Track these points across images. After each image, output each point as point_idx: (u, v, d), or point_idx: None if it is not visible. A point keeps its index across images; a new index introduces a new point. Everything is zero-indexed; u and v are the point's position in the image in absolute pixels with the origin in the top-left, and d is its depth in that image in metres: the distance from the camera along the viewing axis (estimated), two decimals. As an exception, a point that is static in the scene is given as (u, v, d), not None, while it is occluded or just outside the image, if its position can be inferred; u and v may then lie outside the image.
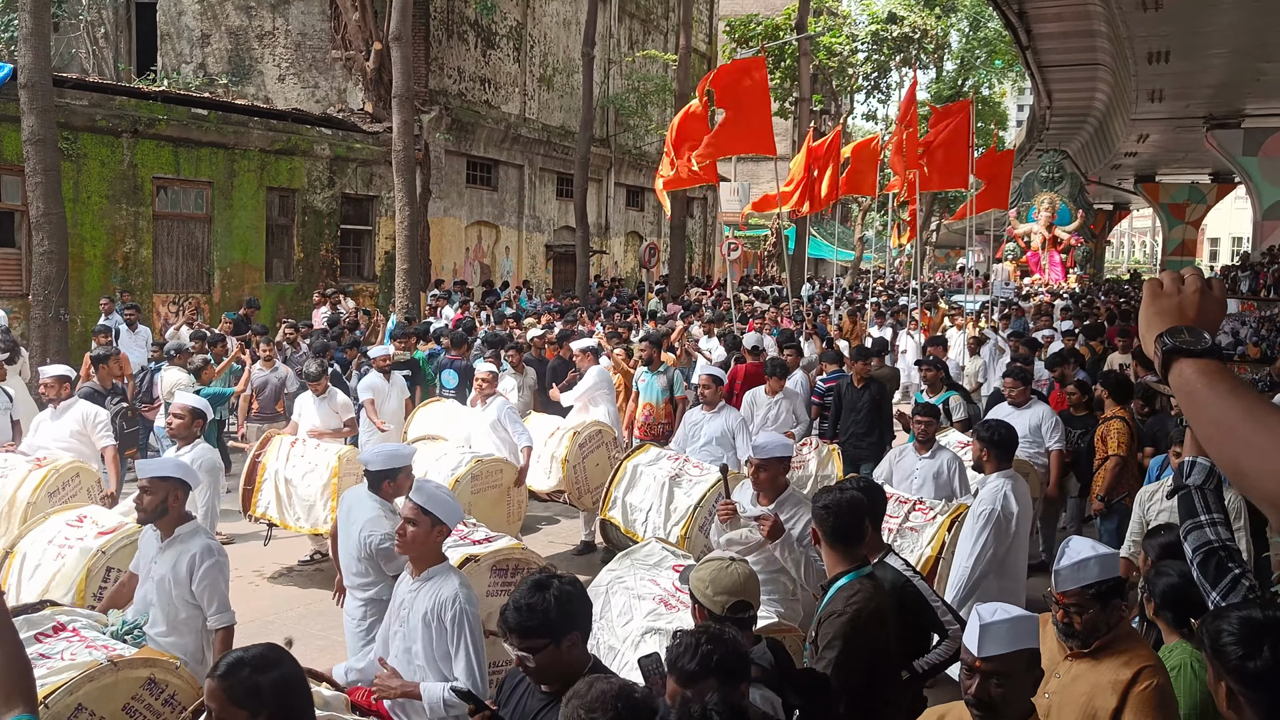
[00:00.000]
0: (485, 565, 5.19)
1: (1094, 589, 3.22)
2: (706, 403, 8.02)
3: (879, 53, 37.63)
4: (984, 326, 15.66)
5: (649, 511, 7.20)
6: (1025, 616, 2.83)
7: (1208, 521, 2.72)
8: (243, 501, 8.38)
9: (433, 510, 3.96)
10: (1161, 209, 49.23)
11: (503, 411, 8.30)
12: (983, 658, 2.75)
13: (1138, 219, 75.98)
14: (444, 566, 4.04)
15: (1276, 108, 30.83)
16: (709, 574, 3.36)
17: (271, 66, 22.71)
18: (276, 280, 19.98)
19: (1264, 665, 2.07)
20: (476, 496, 7.36)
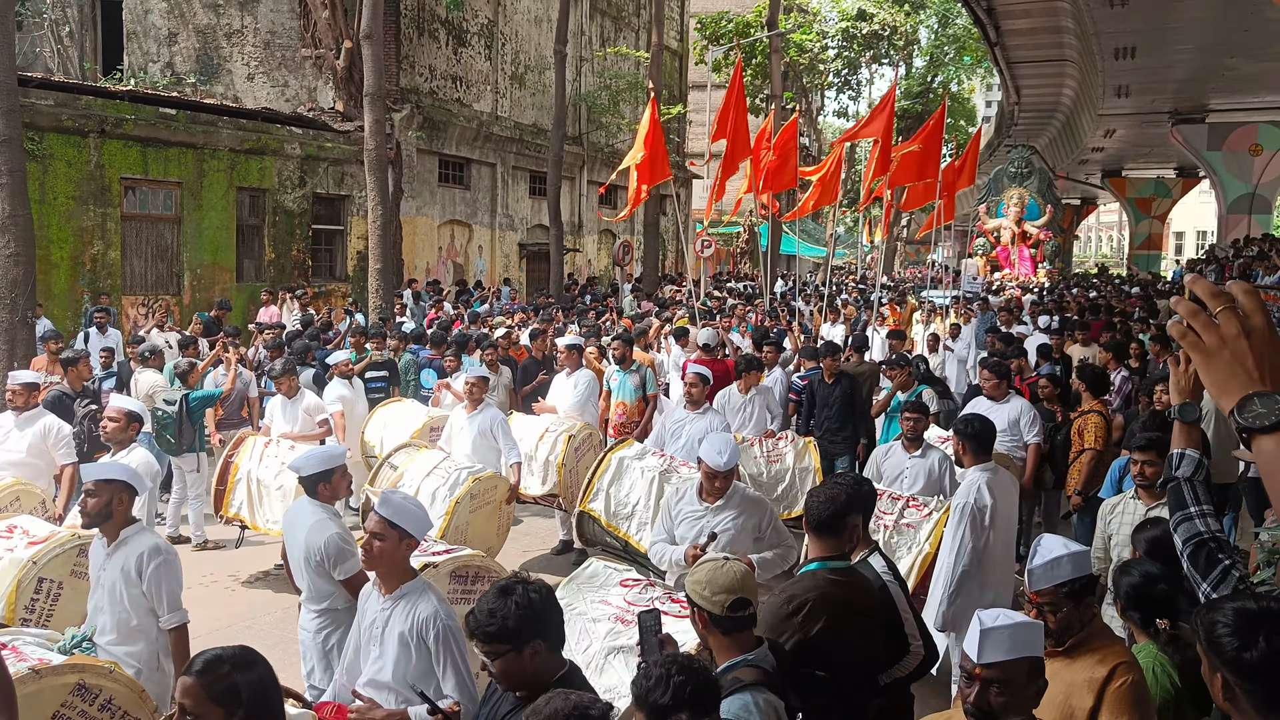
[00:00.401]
0: (444, 572, 5.14)
1: (1067, 587, 3.22)
2: (691, 401, 7.84)
3: (849, 49, 37.81)
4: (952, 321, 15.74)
5: (637, 505, 7.10)
6: (1028, 623, 2.79)
7: (1197, 513, 2.72)
8: (214, 502, 8.32)
9: (400, 523, 3.78)
10: (1128, 203, 49.82)
11: (496, 422, 8.05)
12: (983, 664, 2.70)
13: (1105, 213, 76.84)
14: (418, 583, 3.86)
15: (1240, 103, 31.29)
16: (705, 575, 3.30)
17: (240, 65, 22.50)
18: (248, 281, 19.81)
19: (1260, 656, 2.07)
20: (474, 515, 7.26)
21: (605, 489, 7.27)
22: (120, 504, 4.57)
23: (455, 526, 6.96)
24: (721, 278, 34.28)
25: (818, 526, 3.85)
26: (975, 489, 5.41)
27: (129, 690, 4.01)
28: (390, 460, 7.77)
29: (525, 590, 2.99)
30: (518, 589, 2.98)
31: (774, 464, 8.19)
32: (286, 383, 8.85)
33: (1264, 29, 21.72)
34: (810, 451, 8.31)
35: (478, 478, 7.34)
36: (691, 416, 7.80)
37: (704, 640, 3.39)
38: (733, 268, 41.15)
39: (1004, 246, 38.03)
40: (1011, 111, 36.99)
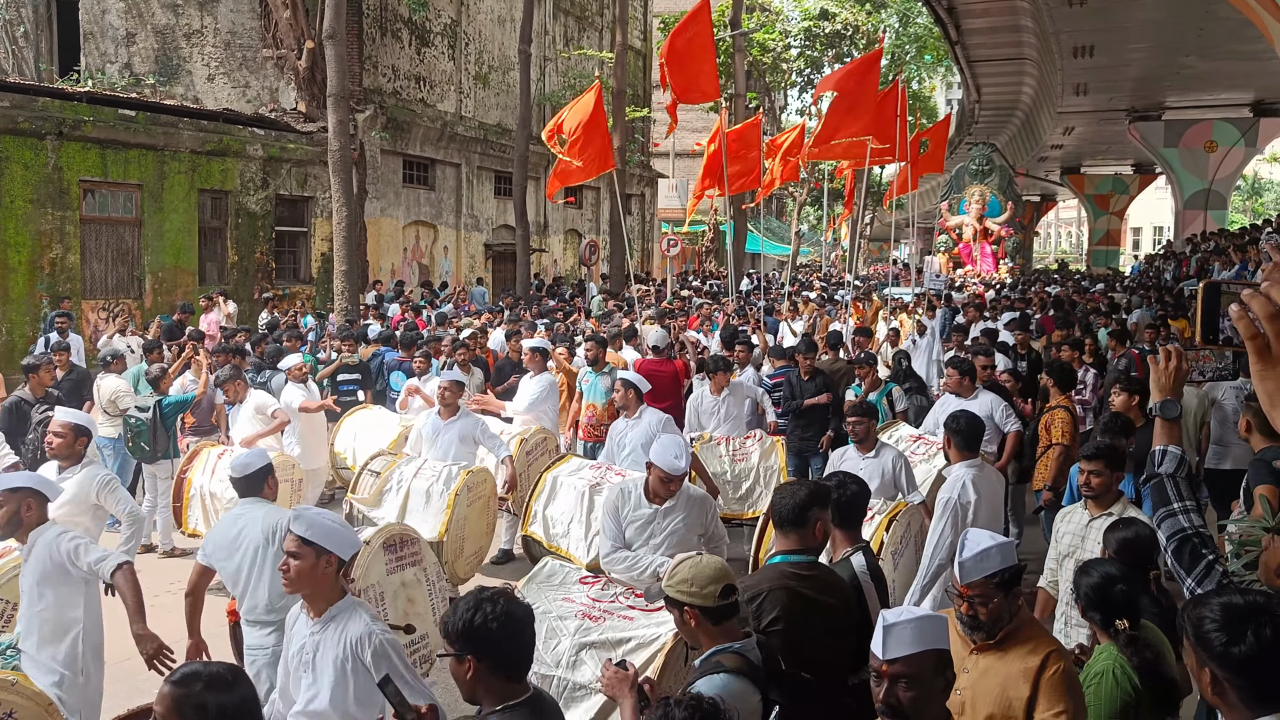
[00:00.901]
0: (377, 545, 5.21)
1: (997, 577, 3.24)
2: (624, 408, 7.63)
3: (812, 49, 38.00)
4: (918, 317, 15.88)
5: (570, 523, 6.97)
6: (932, 616, 2.78)
7: (1180, 509, 2.77)
8: (174, 517, 8.25)
9: (316, 540, 3.58)
10: (1087, 200, 50.49)
11: (478, 429, 7.91)
12: (888, 660, 2.66)
13: (1064, 210, 77.76)
14: (346, 603, 3.67)
15: (1195, 100, 31.80)
16: (688, 574, 3.32)
17: (200, 66, 22.24)
18: (210, 284, 19.57)
19: (1248, 650, 2.10)
20: (468, 509, 7.22)
21: (541, 511, 7.19)
22: (29, 510, 4.56)
23: (456, 521, 6.95)
24: (687, 277, 34.36)
25: (779, 520, 3.89)
26: (960, 484, 5.50)
27: (34, 704, 3.90)
28: (370, 466, 7.61)
29: (488, 607, 2.87)
30: (485, 605, 2.88)
31: (739, 462, 8.12)
32: (232, 388, 8.61)
33: (1218, 28, 22.08)
34: (777, 450, 8.26)
35: (470, 471, 7.31)
36: (629, 424, 7.60)
37: (693, 639, 3.39)
38: (698, 266, 41.27)
39: (966, 243, 38.47)
40: (972, 110, 37.36)
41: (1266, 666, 2.10)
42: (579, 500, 7.01)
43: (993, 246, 37.98)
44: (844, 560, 4.15)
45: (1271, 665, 2.10)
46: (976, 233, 38.39)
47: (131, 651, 6.76)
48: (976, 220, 38.44)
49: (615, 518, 5.24)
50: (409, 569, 5.36)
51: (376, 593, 5.12)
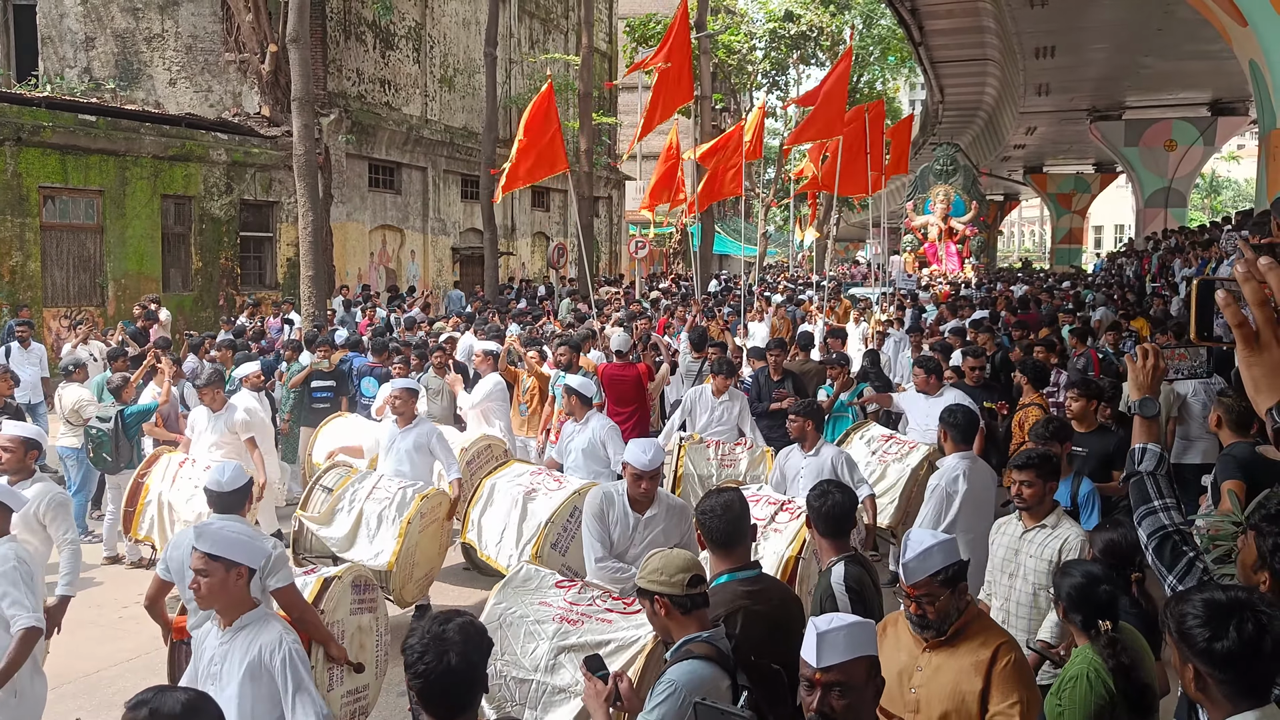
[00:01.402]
0: (347, 582, 5.09)
1: (941, 575, 3.25)
2: (572, 414, 7.46)
3: (777, 50, 38.15)
4: (885, 317, 15.98)
5: (503, 531, 6.79)
6: (861, 623, 2.76)
7: (1161, 507, 2.79)
8: (124, 522, 7.88)
9: (224, 554, 3.58)
10: (1050, 199, 51.03)
11: (433, 437, 7.60)
12: (821, 668, 2.64)
13: (1027, 209, 78.65)
14: (258, 612, 3.67)
15: (1155, 100, 32.21)
16: (658, 564, 3.37)
17: (161, 70, 21.99)
18: (174, 291, 19.38)
19: (1231, 646, 2.11)
20: (421, 535, 6.93)
21: (477, 519, 7.01)
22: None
23: (407, 549, 6.69)
24: (655, 279, 34.38)
25: (714, 541, 3.82)
26: (952, 475, 5.69)
27: None
28: (322, 482, 7.30)
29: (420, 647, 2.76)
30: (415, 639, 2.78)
31: (726, 468, 8.00)
32: (210, 394, 8.27)
33: (1177, 28, 22.38)
34: (766, 461, 8.05)
35: (424, 496, 7.00)
36: (575, 429, 7.44)
37: (664, 631, 3.39)
38: (666, 268, 41.31)
39: (931, 243, 38.74)
40: (936, 110, 37.66)
41: (1249, 662, 2.11)
42: (512, 507, 6.82)
43: (958, 246, 38.27)
44: (826, 571, 4.12)
45: (1254, 660, 2.12)
46: (942, 232, 38.68)
47: (101, 664, 6.70)
48: (941, 220, 38.74)
49: (601, 522, 5.15)
50: (366, 615, 5.28)
51: (339, 630, 5.00)
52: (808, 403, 6.91)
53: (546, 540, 6.46)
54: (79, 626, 7.26)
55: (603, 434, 7.28)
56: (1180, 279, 16.69)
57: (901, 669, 3.39)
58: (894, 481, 7.52)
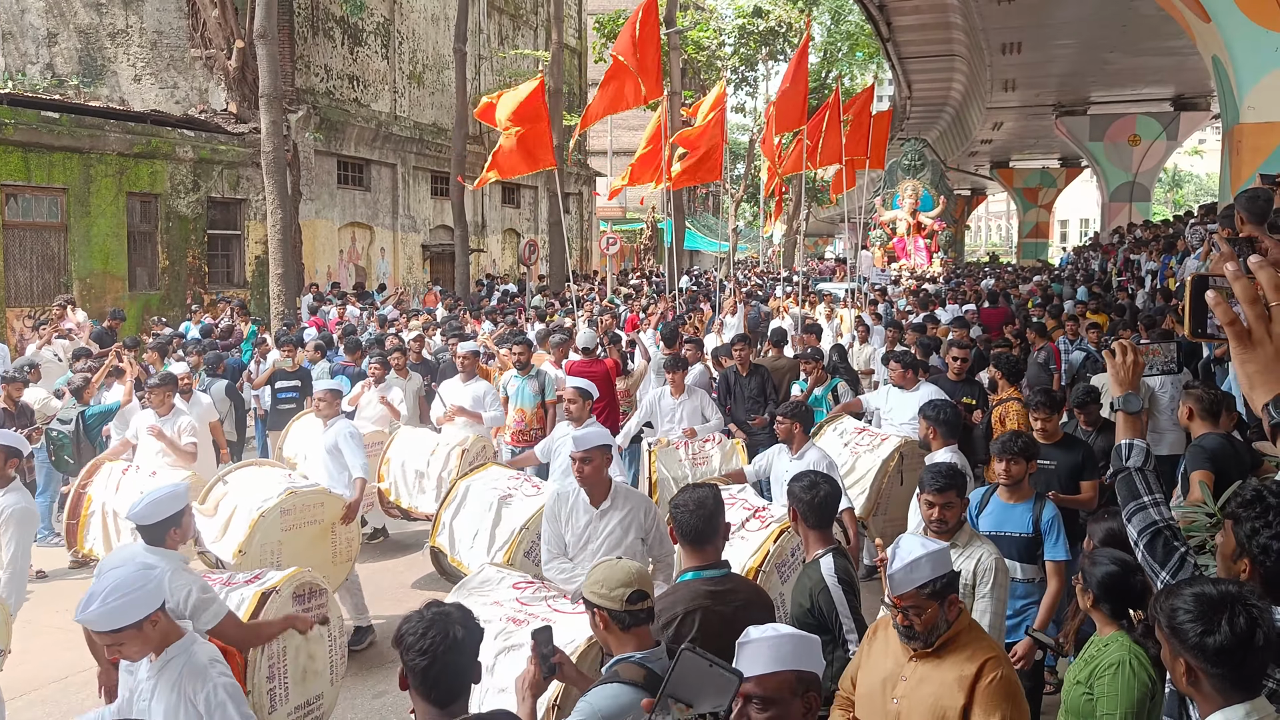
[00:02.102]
0: (286, 595, 4.89)
1: (929, 587, 3.14)
2: (573, 419, 7.17)
3: (746, 46, 38.22)
4: (861, 313, 16.07)
5: (475, 536, 6.56)
6: (794, 635, 2.64)
7: (1151, 502, 2.78)
8: (67, 537, 7.50)
9: (125, 623, 3.36)
10: (1016, 193, 51.50)
11: (342, 435, 7.31)
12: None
13: (993, 203, 79.29)
14: (185, 642, 3.49)
15: (1119, 95, 32.59)
16: (601, 574, 3.29)
17: (126, 66, 21.70)
18: (141, 290, 19.15)
19: (1223, 639, 2.13)
20: (288, 534, 6.35)
21: (449, 522, 6.78)
22: None
23: (260, 545, 6.16)
24: (626, 275, 34.38)
25: (684, 536, 3.81)
26: None
27: None
28: (225, 476, 6.99)
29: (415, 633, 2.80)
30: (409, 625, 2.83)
31: (699, 466, 7.90)
32: (159, 395, 7.96)
33: (1140, 25, 22.65)
34: (739, 452, 8.06)
35: (294, 491, 6.51)
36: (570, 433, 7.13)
37: (604, 644, 3.32)
38: (637, 264, 41.33)
39: (900, 238, 39.01)
40: (904, 106, 37.88)
41: (1242, 655, 2.13)
42: (486, 511, 6.56)
43: (926, 240, 38.57)
44: (814, 563, 4.11)
45: (1246, 654, 2.13)
46: (910, 227, 38.96)
47: (69, 670, 6.61)
48: (910, 215, 39.02)
49: (554, 523, 5.14)
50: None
51: (279, 647, 4.81)
52: (794, 404, 6.79)
53: (520, 547, 6.30)
54: (46, 632, 7.17)
55: None
56: (1145, 273, 16.88)
57: (887, 676, 3.32)
58: (864, 473, 7.52)
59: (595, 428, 5.20)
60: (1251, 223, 5.00)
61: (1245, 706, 2.15)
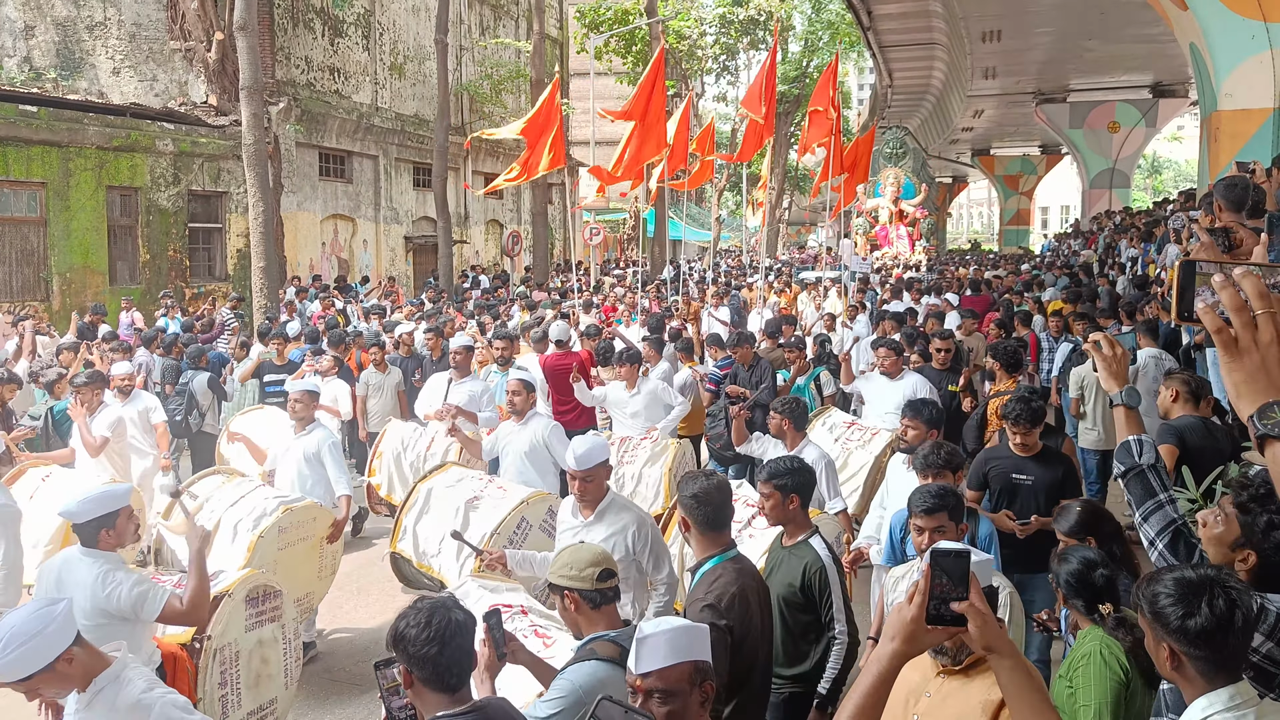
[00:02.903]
0: (239, 598, 4.79)
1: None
2: (515, 411, 6.77)
3: (727, 35, 38.21)
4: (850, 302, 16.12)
5: (441, 541, 6.18)
6: (688, 627, 2.64)
7: (1166, 500, 2.77)
8: None
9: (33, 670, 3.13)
10: (997, 180, 51.75)
11: (325, 446, 6.87)
12: (641, 675, 2.55)
13: (975, 190, 79.57)
14: (112, 671, 3.25)
15: (1098, 83, 32.78)
16: (567, 558, 3.37)
17: (105, 59, 21.53)
18: (122, 284, 19.04)
19: (1204, 622, 2.17)
20: (283, 553, 6.11)
21: (412, 527, 6.40)
22: None
23: (257, 566, 5.84)
24: (609, 265, 34.35)
25: (710, 524, 3.83)
26: None
27: None
28: (191, 489, 6.59)
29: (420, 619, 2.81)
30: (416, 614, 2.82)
31: (624, 465, 7.46)
32: (88, 393, 7.70)
33: (1118, 12, 22.79)
34: (669, 453, 7.52)
35: (290, 508, 6.21)
36: (515, 429, 6.81)
37: (574, 626, 3.38)
38: (620, 254, 41.30)
39: (883, 226, 39.13)
40: (885, 94, 37.99)
41: (1222, 637, 2.17)
42: (454, 516, 6.19)
43: (908, 228, 38.70)
44: (803, 543, 4.15)
45: (1226, 636, 2.17)
46: (892, 215, 39.07)
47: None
48: (892, 203, 39.14)
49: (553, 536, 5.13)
50: (268, 625, 4.95)
51: (231, 652, 4.69)
52: (788, 399, 6.52)
53: None
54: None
55: (546, 434, 6.68)
56: (1126, 259, 17.01)
57: (911, 689, 3.20)
58: (857, 469, 7.44)
59: (591, 442, 4.85)
60: (1229, 211, 5.05)
61: (1228, 690, 2.18)
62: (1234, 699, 2.17)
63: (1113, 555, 3.69)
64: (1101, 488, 8.87)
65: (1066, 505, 4.18)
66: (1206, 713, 2.18)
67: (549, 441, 6.64)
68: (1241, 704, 2.17)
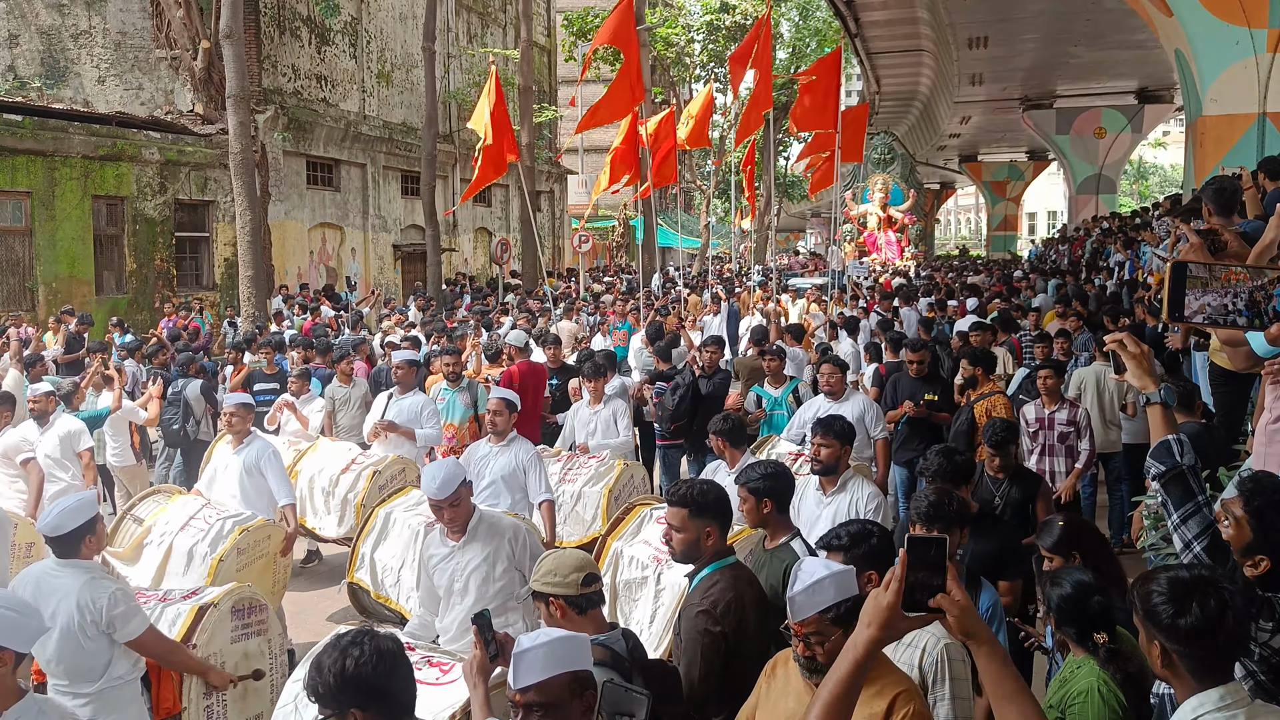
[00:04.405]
0: (225, 609, 4.71)
1: (832, 612, 2.80)
2: (496, 432, 6.45)
3: (714, 43, 38.27)
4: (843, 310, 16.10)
5: (400, 570, 5.92)
6: (566, 638, 2.61)
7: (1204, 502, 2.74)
8: None
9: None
10: (984, 187, 51.90)
11: (264, 457, 6.71)
12: (519, 689, 2.52)
13: (962, 197, 79.82)
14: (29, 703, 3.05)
15: (1084, 88, 32.92)
16: (550, 565, 3.32)
17: (90, 68, 21.45)
18: (108, 294, 18.95)
19: (1195, 621, 2.19)
20: (241, 574, 5.95)
21: (369, 555, 6.12)
22: None
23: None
24: (598, 273, 34.33)
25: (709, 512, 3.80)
26: None
27: None
28: (134, 512, 6.35)
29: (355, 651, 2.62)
30: (351, 649, 2.63)
31: (566, 484, 7.10)
32: (43, 403, 7.56)
33: (1104, 19, 22.90)
34: (613, 474, 7.10)
35: (245, 529, 6.04)
36: (494, 450, 6.44)
37: None
38: (609, 262, 41.28)
39: (871, 232, 39.24)
40: (873, 100, 38.03)
41: (1212, 637, 2.19)
42: (412, 541, 5.88)
43: (897, 234, 38.82)
44: (784, 546, 4.14)
45: (1217, 635, 2.19)
46: (881, 221, 39.18)
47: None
48: (880, 209, 39.25)
49: (423, 566, 4.79)
50: (254, 639, 4.88)
51: (219, 661, 4.63)
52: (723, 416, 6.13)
53: None
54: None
55: (526, 459, 6.35)
56: (1113, 264, 17.06)
57: (790, 716, 2.97)
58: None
59: (443, 467, 4.57)
60: (1218, 215, 5.07)
61: (1219, 690, 2.20)
62: (1224, 699, 2.19)
63: (1100, 571, 3.60)
64: (1093, 493, 8.86)
65: (1049, 521, 4.10)
66: (1197, 713, 2.20)
67: (525, 467, 6.32)
68: (1232, 704, 2.19)
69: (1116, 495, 8.55)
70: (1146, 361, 2.80)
